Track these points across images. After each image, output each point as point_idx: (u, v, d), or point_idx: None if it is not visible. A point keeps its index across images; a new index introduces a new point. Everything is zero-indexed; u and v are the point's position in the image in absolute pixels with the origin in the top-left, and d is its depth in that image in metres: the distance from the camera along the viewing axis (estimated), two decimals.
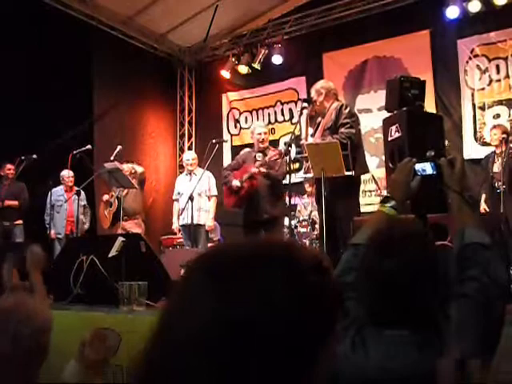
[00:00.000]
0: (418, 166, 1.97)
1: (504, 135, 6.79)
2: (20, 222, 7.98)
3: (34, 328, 1.89)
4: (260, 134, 6.33)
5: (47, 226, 7.75)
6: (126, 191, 7.22)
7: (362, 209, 6.46)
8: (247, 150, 6.83)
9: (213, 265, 0.67)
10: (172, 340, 0.65)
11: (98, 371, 2.30)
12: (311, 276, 0.66)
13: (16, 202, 7.87)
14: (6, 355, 1.84)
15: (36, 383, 1.96)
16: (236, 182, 6.16)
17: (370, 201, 8.05)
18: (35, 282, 3.07)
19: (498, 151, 6.89)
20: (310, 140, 5.41)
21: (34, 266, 3.13)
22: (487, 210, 6.89)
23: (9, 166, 7.78)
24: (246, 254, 0.67)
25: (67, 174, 7.91)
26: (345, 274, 1.67)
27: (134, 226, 7.36)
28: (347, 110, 5.30)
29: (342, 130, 5.13)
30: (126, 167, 7.39)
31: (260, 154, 6.27)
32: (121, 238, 3.91)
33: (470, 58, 8.24)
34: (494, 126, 7.19)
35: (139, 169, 7.61)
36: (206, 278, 0.66)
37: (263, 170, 6.02)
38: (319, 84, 5.64)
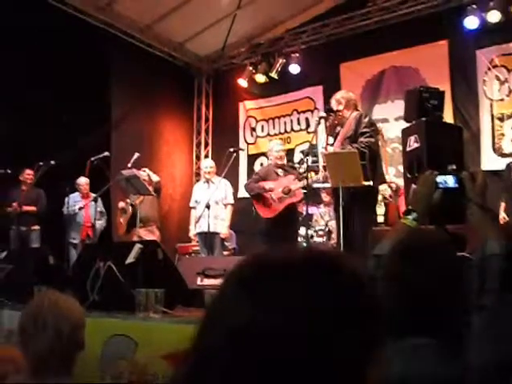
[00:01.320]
0: (440, 179, 1.97)
1: None
2: (37, 227, 8.04)
3: (71, 323, 1.95)
4: (278, 151, 6.62)
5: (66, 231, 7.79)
6: (141, 198, 7.25)
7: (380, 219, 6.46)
8: (265, 165, 7.01)
9: (248, 275, 0.66)
10: (204, 349, 0.65)
11: None
12: (357, 291, 0.65)
13: (34, 208, 7.94)
14: (48, 351, 1.90)
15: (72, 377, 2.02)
16: (276, 194, 6.31)
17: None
18: None
19: None
20: (330, 150, 5.41)
21: None
22: (506, 218, 6.83)
23: (28, 171, 7.86)
24: (285, 264, 0.66)
25: (83, 181, 7.97)
26: None
27: (148, 234, 7.39)
28: (367, 119, 5.31)
29: (362, 139, 5.13)
30: (143, 174, 7.44)
31: (281, 170, 6.54)
32: (138, 245, 3.93)
33: (489, 69, 8.19)
34: None
35: (155, 178, 7.66)
36: (241, 288, 0.65)
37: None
38: (339, 94, 5.67)
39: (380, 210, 7.88)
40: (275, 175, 6.51)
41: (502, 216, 6.88)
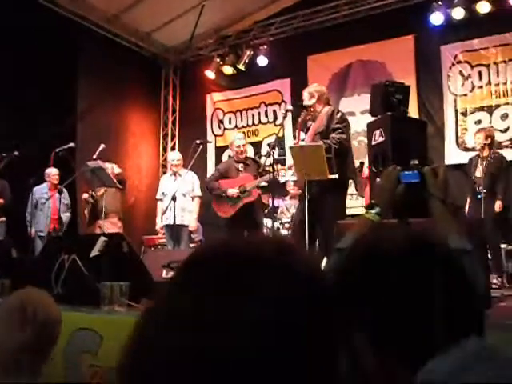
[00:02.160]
0: (403, 174, 2.00)
1: (487, 140, 6.83)
2: (3, 219, 7.85)
3: (48, 318, 1.93)
4: (239, 146, 6.65)
5: (28, 223, 7.66)
6: (102, 190, 7.18)
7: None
8: (227, 159, 7.05)
9: (198, 272, 0.63)
10: (144, 341, 0.62)
11: None
12: (324, 279, 0.64)
13: (1, 201, 7.76)
14: (26, 347, 1.87)
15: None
16: (232, 191, 6.39)
17: (351, 204, 8.09)
18: None
19: (481, 155, 6.92)
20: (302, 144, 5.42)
21: None
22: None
23: None
24: (237, 259, 0.63)
25: (53, 171, 7.81)
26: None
27: (110, 226, 7.33)
28: (339, 115, 5.33)
29: (334, 135, 5.15)
30: (109, 166, 7.37)
31: (242, 165, 6.58)
32: (103, 238, 3.89)
33: (453, 64, 8.33)
34: (478, 130, 7.23)
35: (116, 169, 7.59)
36: (190, 284, 0.62)
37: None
38: (312, 87, 5.67)
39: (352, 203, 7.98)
40: (235, 171, 6.56)
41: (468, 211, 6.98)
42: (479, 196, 6.65)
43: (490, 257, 6.41)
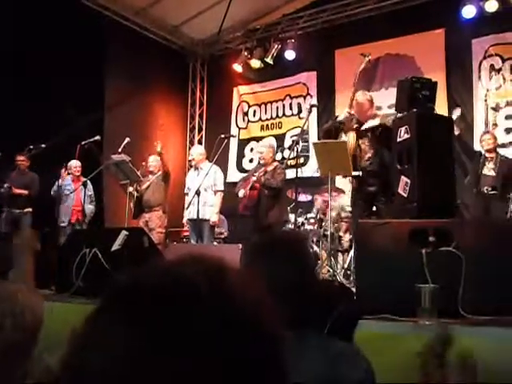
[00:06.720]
0: None
1: (494, 140, 6.95)
2: (29, 209, 7.96)
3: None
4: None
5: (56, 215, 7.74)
6: (147, 183, 7.24)
7: None
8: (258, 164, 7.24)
9: (127, 303, 0.55)
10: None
11: None
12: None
13: (26, 192, 7.85)
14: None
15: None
16: (241, 192, 6.63)
17: None
18: (25, 265, 2.89)
19: (488, 155, 6.91)
20: None
21: (26, 250, 2.96)
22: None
23: (20, 157, 7.76)
24: (164, 290, 0.55)
25: (74, 164, 7.87)
26: None
27: (153, 218, 7.35)
28: None
29: None
30: (154, 159, 7.41)
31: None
32: (124, 232, 3.91)
33: (485, 58, 8.15)
34: (486, 133, 7.23)
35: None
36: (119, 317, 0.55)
37: (262, 179, 6.50)
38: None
39: None
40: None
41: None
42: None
43: None
